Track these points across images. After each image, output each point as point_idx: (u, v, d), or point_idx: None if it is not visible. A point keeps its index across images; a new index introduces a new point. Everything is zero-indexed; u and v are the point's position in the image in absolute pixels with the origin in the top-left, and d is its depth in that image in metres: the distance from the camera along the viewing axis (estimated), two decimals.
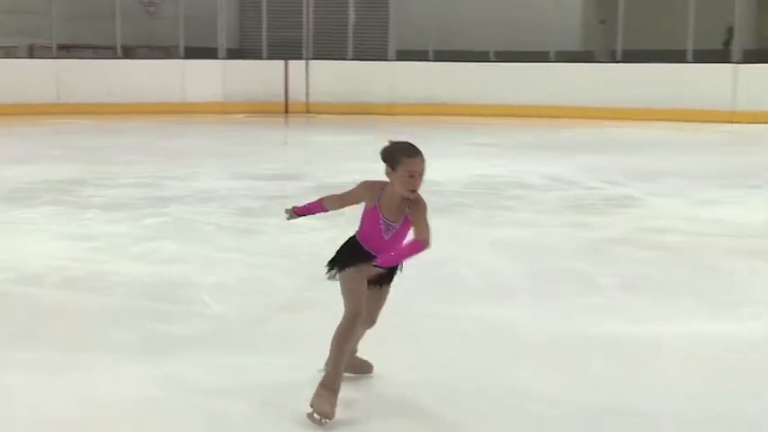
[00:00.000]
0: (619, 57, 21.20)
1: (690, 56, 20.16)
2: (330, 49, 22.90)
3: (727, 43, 21.48)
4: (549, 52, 21.28)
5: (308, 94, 22.38)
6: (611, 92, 20.16)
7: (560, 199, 10.64)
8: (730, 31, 21.26)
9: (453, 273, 7.39)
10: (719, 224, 9.22)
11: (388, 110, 21.30)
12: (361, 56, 22.63)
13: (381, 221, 4.40)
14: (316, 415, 4.25)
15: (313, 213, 4.76)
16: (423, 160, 4.33)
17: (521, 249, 8.14)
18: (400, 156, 4.32)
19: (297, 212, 4.73)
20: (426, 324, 6.03)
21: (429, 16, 22.21)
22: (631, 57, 20.84)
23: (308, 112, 22.20)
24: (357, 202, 4.55)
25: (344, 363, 4.43)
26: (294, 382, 4.86)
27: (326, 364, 4.50)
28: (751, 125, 18.42)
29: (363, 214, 4.49)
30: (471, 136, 17.36)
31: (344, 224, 9.03)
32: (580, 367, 5.22)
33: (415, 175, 4.29)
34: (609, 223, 9.29)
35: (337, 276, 4.50)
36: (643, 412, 4.55)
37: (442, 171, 12.68)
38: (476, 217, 9.69)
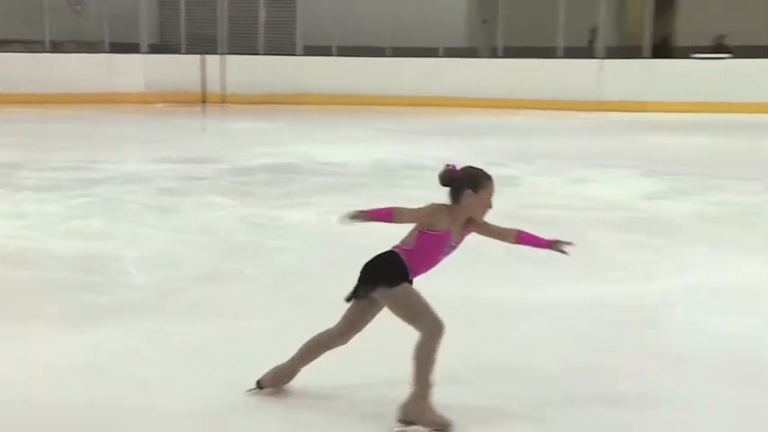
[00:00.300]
0: (499, 53, 21.40)
1: (560, 52, 20.42)
2: (244, 45, 22.67)
3: (593, 41, 21.84)
4: (438, 48, 21.35)
5: (223, 86, 22.14)
6: (493, 83, 20.32)
7: None
8: (595, 30, 21.61)
9: (353, 245, 7.37)
10: (589, 200, 9.37)
11: (296, 100, 21.23)
12: (272, 51, 22.47)
13: (448, 245, 4.15)
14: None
15: (378, 221, 4.15)
16: None
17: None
18: (484, 179, 4.14)
19: (365, 215, 4.15)
20: (329, 290, 5.99)
21: (332, 16, 22.13)
22: (510, 52, 21.04)
23: (223, 102, 21.98)
24: (423, 224, 4.12)
25: (432, 372, 3.94)
26: (211, 347, 4.85)
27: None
28: (615, 113, 18.73)
29: (422, 236, 4.11)
30: (371, 123, 17.34)
31: (254, 203, 8.94)
32: (471, 326, 5.26)
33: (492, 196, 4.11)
34: (494, 200, 9.35)
35: (377, 293, 4.01)
36: (520, 367, 4.60)
37: (344, 154, 12.68)
38: (374, 194, 9.67)
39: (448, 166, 4.17)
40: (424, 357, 3.88)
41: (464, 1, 24.43)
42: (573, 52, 20.53)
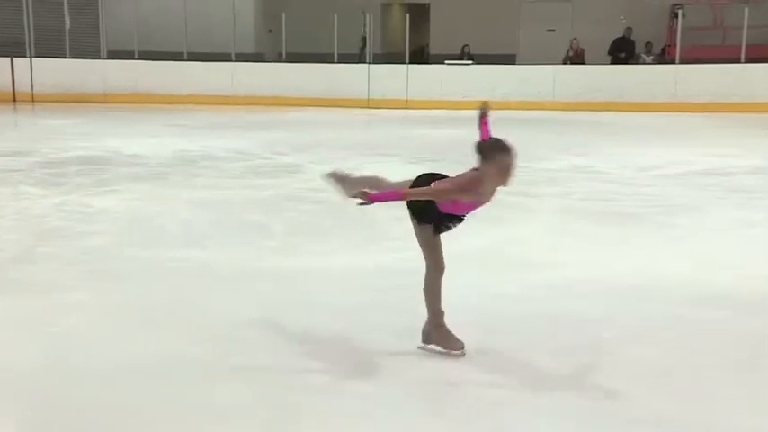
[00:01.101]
0: (284, 58, 21.35)
1: (336, 58, 20.62)
2: (51, 50, 21.47)
3: (362, 49, 22.21)
4: (230, 53, 21.06)
5: (32, 86, 20.92)
6: (278, 84, 20.27)
7: (242, 167, 10.59)
8: (364, 39, 21.97)
9: (158, 225, 7.21)
10: None
11: (102, 99, 20.41)
12: (79, 55, 21.42)
13: (476, 205, 4.06)
14: (456, 351, 4.12)
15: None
16: None
17: (212, 206, 8.04)
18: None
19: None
20: (136, 265, 5.86)
21: (133, 23, 21.36)
22: (293, 58, 21.05)
23: (33, 101, 20.77)
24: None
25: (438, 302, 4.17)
26: (31, 320, 4.63)
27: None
28: (381, 110, 19.12)
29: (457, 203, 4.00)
30: (170, 120, 16.87)
31: (66, 192, 8.50)
32: (262, 293, 5.27)
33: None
34: (280, 185, 9.36)
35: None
36: (302, 323, 4.65)
37: (147, 147, 12.30)
38: (175, 182, 9.46)
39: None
40: (430, 290, 4.13)
41: (252, 13, 24.22)
42: (346, 58, 20.79)
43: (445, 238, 4.17)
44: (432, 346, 4.22)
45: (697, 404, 3.72)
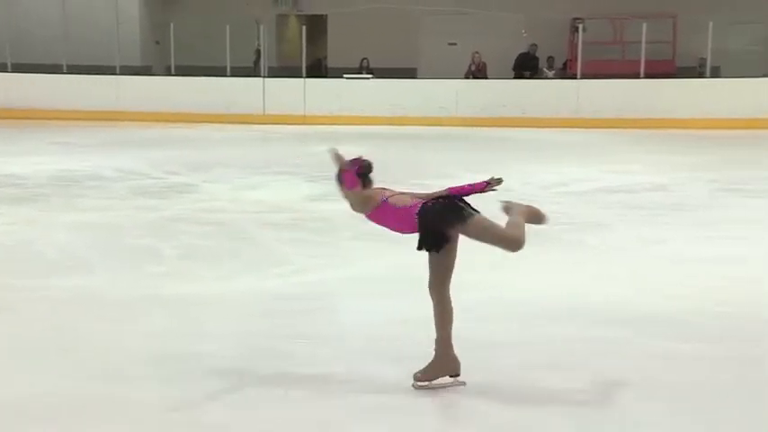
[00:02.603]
0: (173, 71, 21.05)
1: (229, 71, 20.45)
2: None
3: (257, 62, 22.11)
4: (115, 66, 20.65)
5: None
6: (167, 99, 19.97)
7: (131, 187, 10.38)
8: (258, 52, 21.88)
9: (37, 251, 7.00)
10: (257, 203, 9.45)
11: None
12: None
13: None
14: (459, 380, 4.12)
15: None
16: None
17: (97, 230, 7.85)
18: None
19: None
20: (12, 295, 5.67)
21: (4, 32, 20.75)
22: (183, 71, 20.77)
23: None
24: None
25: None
26: None
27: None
28: (278, 125, 19.00)
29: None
30: (52, 136, 16.41)
31: None
32: (153, 323, 5.16)
33: None
34: (171, 205, 9.22)
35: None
36: (199, 353, 4.58)
37: (26, 166, 11.93)
38: (57, 204, 9.19)
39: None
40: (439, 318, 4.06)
41: (138, 23, 23.82)
42: (240, 71, 20.65)
43: (348, 261, 4.17)
44: (437, 381, 4.11)
45: (603, 426, 3.81)
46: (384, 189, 4.17)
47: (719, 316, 5.36)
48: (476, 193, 4.11)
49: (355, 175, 4.09)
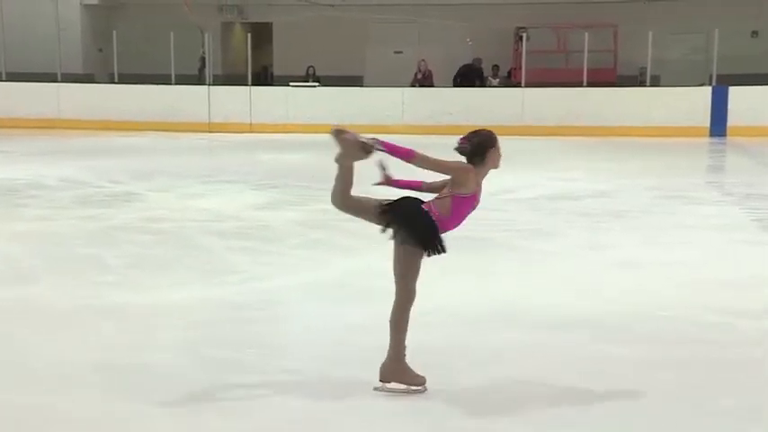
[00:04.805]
0: (116, 79, 20.80)
1: (173, 79, 20.27)
2: None
3: (201, 69, 21.96)
4: (56, 73, 20.35)
5: None
6: (110, 107, 19.73)
7: (74, 196, 10.25)
8: (203, 60, 21.73)
9: None
10: (203, 212, 9.40)
11: None
12: None
13: (475, 204, 4.16)
14: (418, 387, 4.10)
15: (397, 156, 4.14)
16: None
17: (40, 239, 7.76)
18: (493, 138, 4.20)
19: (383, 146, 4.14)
20: None
21: None
22: (126, 79, 20.55)
23: None
24: (454, 184, 4.11)
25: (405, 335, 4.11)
26: None
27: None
28: (223, 134, 18.87)
29: (456, 201, 4.08)
30: None
31: None
32: (100, 333, 5.12)
33: None
34: (115, 214, 9.13)
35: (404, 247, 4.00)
36: (145, 364, 4.55)
37: None
38: None
39: (462, 140, 4.22)
40: (400, 322, 4.05)
41: (79, 30, 23.52)
42: (184, 79, 20.48)
43: (295, 268, 4.20)
44: (392, 385, 4.14)
45: (545, 428, 3.89)
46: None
47: (659, 320, 5.49)
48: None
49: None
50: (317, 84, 20.51)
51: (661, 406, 4.11)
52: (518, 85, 19.88)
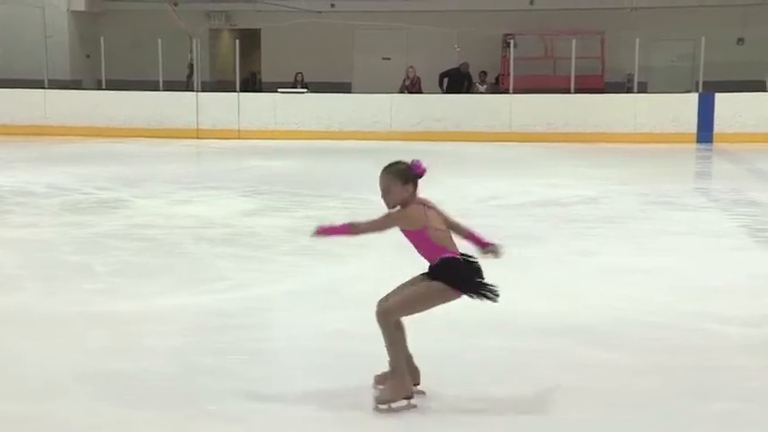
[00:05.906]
0: (104, 85, 20.75)
1: (161, 85, 20.24)
2: None
3: (190, 76, 21.93)
4: (43, 80, 20.30)
5: None
6: (97, 113, 19.68)
7: (60, 203, 10.22)
8: (191, 67, 21.70)
9: None
10: (192, 219, 9.37)
11: None
12: None
13: (434, 235, 4.17)
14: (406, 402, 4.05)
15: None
16: None
17: (26, 246, 7.73)
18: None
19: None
20: None
21: None
22: (114, 85, 20.52)
23: None
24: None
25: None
26: None
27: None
28: (211, 140, 18.81)
29: (422, 236, 4.12)
30: None
31: None
32: (87, 340, 5.10)
33: None
34: (103, 221, 9.10)
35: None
36: (133, 371, 4.54)
37: None
38: None
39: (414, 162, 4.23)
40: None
41: (67, 36, 23.48)
42: (172, 86, 20.46)
43: (283, 275, 4.19)
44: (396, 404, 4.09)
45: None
46: (426, 204, 4.22)
47: (644, 326, 5.51)
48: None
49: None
50: (305, 90, 20.52)
51: (648, 412, 4.13)
52: (506, 91, 19.93)
